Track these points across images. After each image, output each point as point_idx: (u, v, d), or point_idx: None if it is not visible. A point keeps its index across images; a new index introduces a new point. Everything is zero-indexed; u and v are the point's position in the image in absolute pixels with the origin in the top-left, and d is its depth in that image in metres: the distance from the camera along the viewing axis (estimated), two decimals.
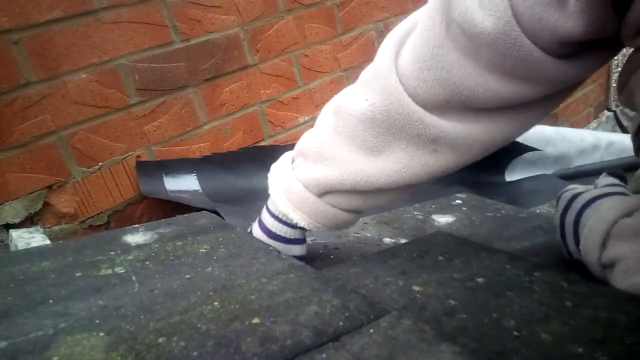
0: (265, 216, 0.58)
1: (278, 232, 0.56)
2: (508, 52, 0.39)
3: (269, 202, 0.58)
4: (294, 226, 0.56)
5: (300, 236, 0.58)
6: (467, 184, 1.24)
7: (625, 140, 1.61)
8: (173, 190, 1.08)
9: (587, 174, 1.45)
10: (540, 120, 0.48)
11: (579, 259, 0.51)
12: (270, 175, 0.57)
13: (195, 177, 1.13)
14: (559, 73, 0.41)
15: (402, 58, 0.46)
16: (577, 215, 0.50)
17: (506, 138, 0.48)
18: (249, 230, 0.61)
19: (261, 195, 1.15)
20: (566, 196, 0.54)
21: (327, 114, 0.52)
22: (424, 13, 0.45)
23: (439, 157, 0.48)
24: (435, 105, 0.45)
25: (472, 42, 0.41)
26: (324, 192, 0.52)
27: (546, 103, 0.46)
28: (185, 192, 1.09)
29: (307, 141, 0.53)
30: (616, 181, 0.55)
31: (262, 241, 0.56)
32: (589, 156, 1.54)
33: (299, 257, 0.58)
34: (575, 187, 0.56)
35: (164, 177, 1.09)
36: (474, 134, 0.46)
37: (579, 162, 1.53)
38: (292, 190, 0.53)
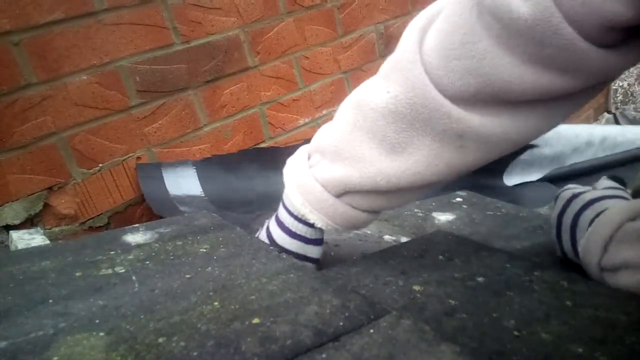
0: (283, 215, 0.55)
1: (298, 232, 0.55)
2: (547, 41, 0.36)
3: (286, 199, 0.55)
4: (312, 225, 0.54)
5: (319, 236, 0.56)
6: (465, 187, 1.24)
7: (618, 135, 1.60)
8: (175, 194, 1.08)
9: (581, 173, 1.45)
10: (572, 114, 0.45)
11: (572, 259, 0.51)
12: (285, 171, 0.54)
13: (196, 178, 1.13)
14: (601, 63, 0.37)
15: (427, 45, 0.42)
16: (576, 216, 0.50)
17: (536, 133, 0.45)
18: (265, 226, 0.59)
19: (263, 200, 1.15)
20: (565, 195, 0.54)
21: (346, 109, 0.49)
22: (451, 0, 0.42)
23: (465, 153, 0.44)
24: (463, 98, 0.42)
25: (507, 30, 0.37)
26: (342, 193, 0.50)
27: (583, 96, 0.43)
28: (187, 197, 1.09)
29: (324, 137, 0.51)
30: (615, 184, 0.55)
31: (265, 242, 0.56)
32: (582, 153, 1.53)
33: (314, 260, 0.57)
34: (574, 187, 0.56)
35: (165, 180, 1.09)
36: (504, 129, 0.43)
37: (573, 160, 1.52)
38: (310, 190, 0.51)
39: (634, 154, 1.51)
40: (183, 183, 1.11)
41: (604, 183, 0.55)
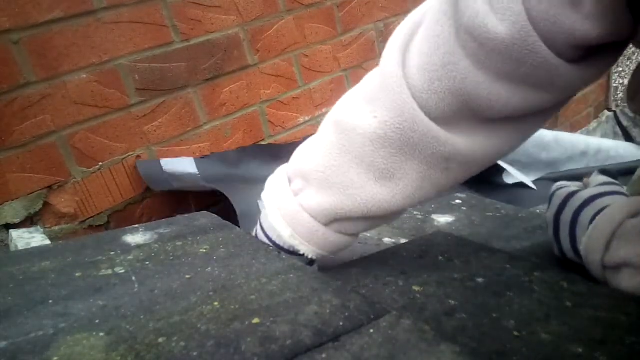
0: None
1: None
2: (524, 59, 0.37)
3: (269, 230, 0.52)
4: (300, 255, 0.52)
5: (306, 261, 0.54)
6: (465, 184, 1.24)
7: (611, 149, 1.69)
8: (171, 172, 1.08)
9: (575, 179, 1.48)
10: (542, 127, 0.47)
11: (572, 258, 0.50)
12: (266, 196, 0.52)
13: (194, 167, 1.13)
14: (570, 78, 0.39)
15: (410, 67, 0.42)
16: (575, 215, 0.50)
17: (511, 148, 0.46)
18: (258, 226, 0.56)
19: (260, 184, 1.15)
20: (561, 194, 0.53)
21: (329, 132, 0.48)
22: (430, 16, 0.42)
23: (449, 174, 0.46)
24: (446, 118, 0.42)
25: (484, 49, 0.38)
26: (332, 221, 0.49)
27: (551, 111, 0.44)
28: (184, 174, 1.09)
29: (307, 160, 0.49)
30: (610, 179, 0.54)
31: (261, 242, 0.55)
32: (577, 162, 1.62)
33: None
34: (567, 185, 0.56)
35: (162, 166, 1.09)
36: (483, 146, 0.44)
37: (566, 167, 1.60)
38: (298, 221, 0.48)
39: (628, 166, 1.55)
40: (180, 166, 1.11)
41: (598, 179, 0.55)
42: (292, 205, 0.49)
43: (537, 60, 0.37)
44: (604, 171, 0.56)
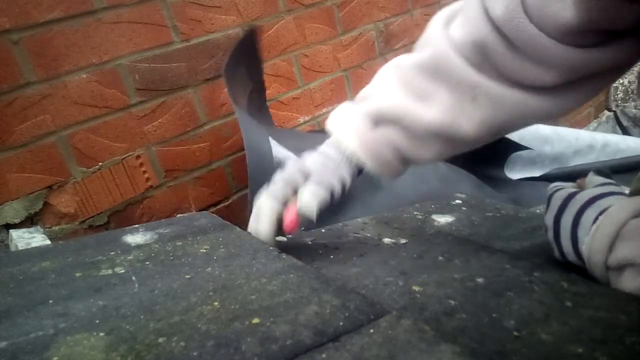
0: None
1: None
2: (516, 37, 0.44)
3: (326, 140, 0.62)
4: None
5: (354, 167, 0.61)
6: (471, 179, 1.23)
7: (620, 142, 1.62)
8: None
9: (583, 174, 1.45)
10: (578, 105, 0.51)
11: (573, 260, 0.50)
12: (329, 119, 0.62)
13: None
14: (574, 60, 0.43)
15: (453, 27, 0.52)
16: (577, 216, 0.50)
17: (540, 117, 0.51)
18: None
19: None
20: (560, 195, 0.53)
21: (385, 69, 0.59)
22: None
23: (478, 107, 0.51)
24: (475, 64, 0.50)
25: (492, 23, 0.46)
26: (377, 121, 0.57)
27: (582, 87, 0.48)
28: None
29: (366, 89, 0.60)
30: (607, 180, 0.54)
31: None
32: (584, 156, 1.55)
33: (341, 197, 0.61)
34: (564, 186, 0.55)
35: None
36: (510, 98, 0.49)
37: (574, 162, 1.54)
38: (346, 116, 0.59)
39: (628, 161, 1.49)
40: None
41: (594, 179, 0.54)
42: (346, 108, 0.60)
43: (525, 38, 0.43)
44: (598, 171, 0.56)
